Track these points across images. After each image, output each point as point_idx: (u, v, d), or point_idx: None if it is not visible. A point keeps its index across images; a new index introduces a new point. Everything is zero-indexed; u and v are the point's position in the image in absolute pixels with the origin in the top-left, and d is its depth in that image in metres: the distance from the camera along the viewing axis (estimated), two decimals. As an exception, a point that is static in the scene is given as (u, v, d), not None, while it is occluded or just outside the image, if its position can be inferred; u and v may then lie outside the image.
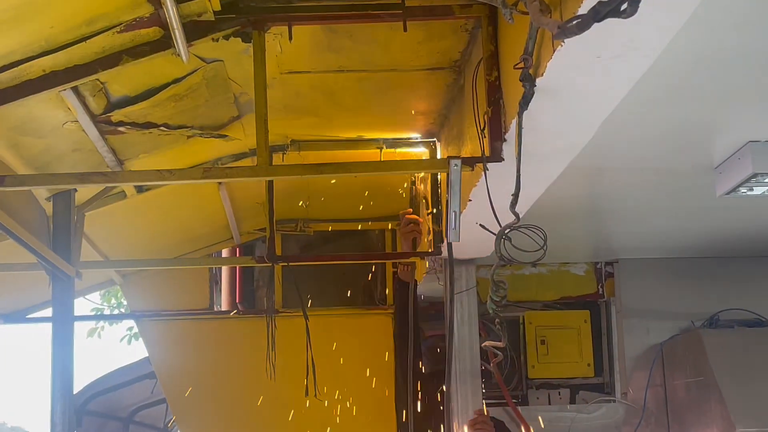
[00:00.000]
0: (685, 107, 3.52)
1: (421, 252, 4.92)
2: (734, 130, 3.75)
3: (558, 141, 3.19)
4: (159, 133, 4.07)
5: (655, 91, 3.29)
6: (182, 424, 6.34)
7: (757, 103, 3.50)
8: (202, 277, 6.37)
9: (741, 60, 3.11)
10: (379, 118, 4.40)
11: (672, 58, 2.97)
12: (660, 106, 3.50)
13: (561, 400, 6.06)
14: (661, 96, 3.38)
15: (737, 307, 5.78)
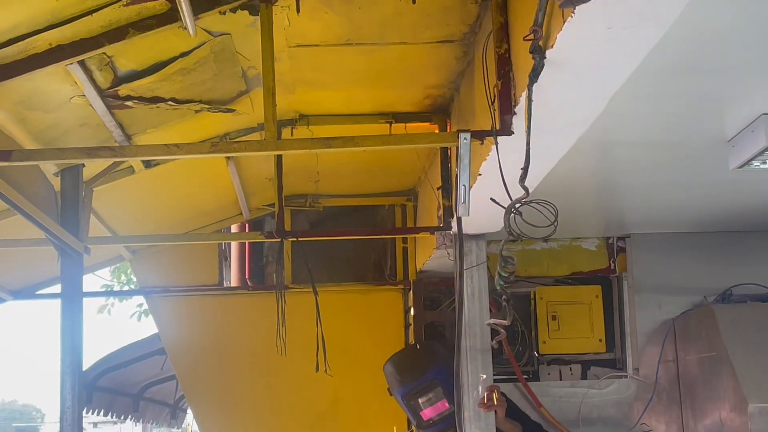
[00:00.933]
0: (697, 80, 3.50)
1: (431, 227, 4.92)
2: (747, 103, 3.73)
3: (569, 114, 3.17)
4: (167, 107, 4.07)
5: (666, 64, 3.26)
6: (192, 400, 6.38)
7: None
8: (212, 253, 6.39)
9: (754, 32, 3.09)
10: (388, 91, 4.39)
11: (684, 30, 2.94)
12: (672, 79, 3.47)
13: (572, 375, 6.05)
14: (673, 68, 3.36)
15: (750, 282, 5.76)
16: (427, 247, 5.49)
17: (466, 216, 3.45)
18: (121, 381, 7.84)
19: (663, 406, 5.80)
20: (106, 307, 13.71)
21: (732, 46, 3.19)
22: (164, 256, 6.33)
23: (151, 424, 9.48)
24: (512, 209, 2.95)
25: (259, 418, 6.14)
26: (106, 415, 8.06)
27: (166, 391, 8.55)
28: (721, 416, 5.15)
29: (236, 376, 6.20)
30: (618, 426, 5.81)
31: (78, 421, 4.23)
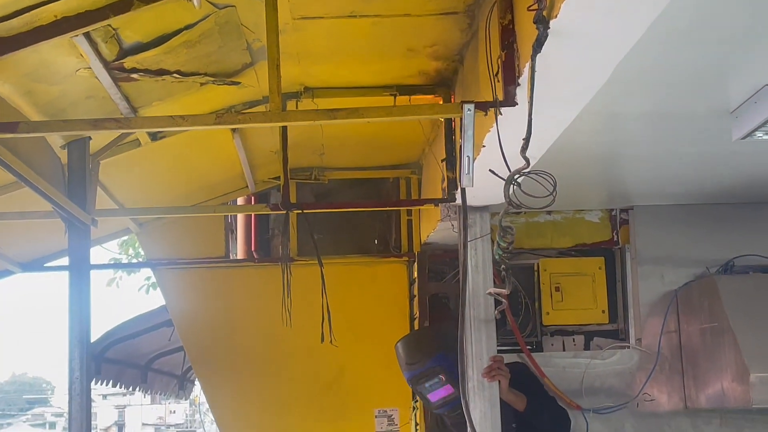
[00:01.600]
0: (701, 50, 3.47)
1: (435, 199, 4.91)
2: (751, 74, 3.71)
3: (572, 85, 3.16)
4: (172, 80, 4.06)
5: (670, 34, 3.24)
6: (199, 371, 6.40)
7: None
8: (218, 226, 6.39)
9: (758, 1, 3.07)
10: (392, 64, 4.37)
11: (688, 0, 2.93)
12: (676, 50, 3.45)
13: (575, 346, 6.06)
14: (677, 39, 3.34)
15: (752, 253, 5.75)
16: (431, 220, 5.49)
17: (470, 187, 3.45)
18: (129, 352, 7.86)
19: (665, 376, 5.81)
20: (114, 280, 13.75)
21: (736, 16, 3.17)
22: (171, 229, 6.33)
23: (160, 395, 9.51)
24: (512, 180, 2.94)
25: (265, 388, 6.16)
26: (114, 386, 8.09)
27: (173, 363, 8.57)
28: (723, 386, 5.16)
29: (243, 347, 6.22)
30: (620, 396, 5.83)
31: (86, 392, 4.25)
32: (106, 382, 7.87)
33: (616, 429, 5.82)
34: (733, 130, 4.11)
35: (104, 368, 7.47)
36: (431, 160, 5.47)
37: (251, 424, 6.19)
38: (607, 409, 5.79)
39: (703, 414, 5.77)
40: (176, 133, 4.78)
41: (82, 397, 4.23)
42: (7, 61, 3.33)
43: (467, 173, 3.31)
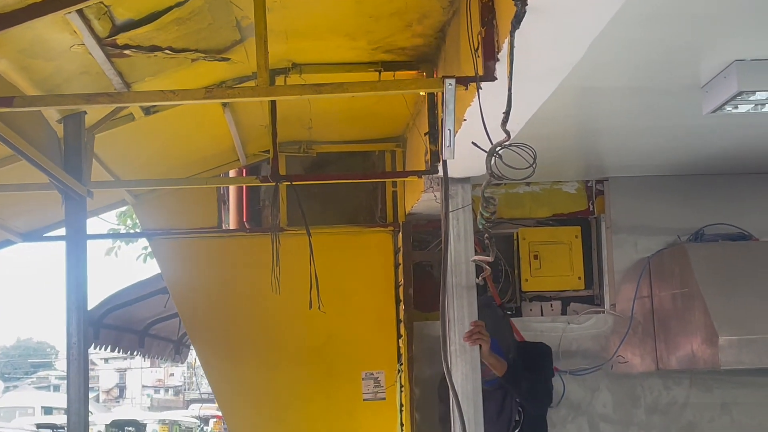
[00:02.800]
0: (673, 27, 3.45)
1: (419, 171, 4.89)
2: (721, 50, 3.68)
3: (549, 60, 3.13)
4: (164, 56, 4.00)
5: (643, 11, 3.21)
6: (194, 336, 6.39)
7: (743, 22, 3.42)
8: (211, 197, 6.35)
9: (729, -21, 3.04)
10: (377, 40, 4.32)
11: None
12: (648, 27, 3.42)
13: (553, 311, 6.07)
14: (650, 16, 3.31)
15: (721, 222, 5.76)
16: (415, 191, 5.46)
17: (452, 159, 3.42)
18: (126, 318, 7.85)
19: (638, 340, 5.82)
20: (113, 249, 13.70)
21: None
22: (165, 200, 6.29)
23: (157, 359, 9.51)
24: (493, 152, 2.91)
25: (256, 352, 6.15)
26: (113, 350, 8.09)
27: (169, 328, 8.57)
28: (693, 348, 5.17)
29: (235, 313, 6.20)
30: (596, 358, 5.85)
31: (84, 357, 4.22)
32: (105, 347, 7.86)
33: (592, 390, 5.85)
34: (703, 104, 4.09)
35: (103, 334, 7.46)
36: (415, 134, 5.44)
37: (243, 387, 6.18)
38: (583, 371, 5.82)
39: (674, 375, 5.80)
40: (169, 107, 4.73)
41: (79, 362, 4.20)
42: (3, 38, 3.27)
43: (448, 146, 3.28)
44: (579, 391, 5.83)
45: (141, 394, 54.94)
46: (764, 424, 5.82)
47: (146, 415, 32.25)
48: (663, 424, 5.83)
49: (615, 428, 5.85)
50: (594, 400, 5.84)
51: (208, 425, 31.79)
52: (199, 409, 28.44)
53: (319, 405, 6.10)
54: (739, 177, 5.92)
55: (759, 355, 4.88)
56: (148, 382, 55.87)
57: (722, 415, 5.83)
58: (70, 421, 4.21)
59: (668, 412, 5.84)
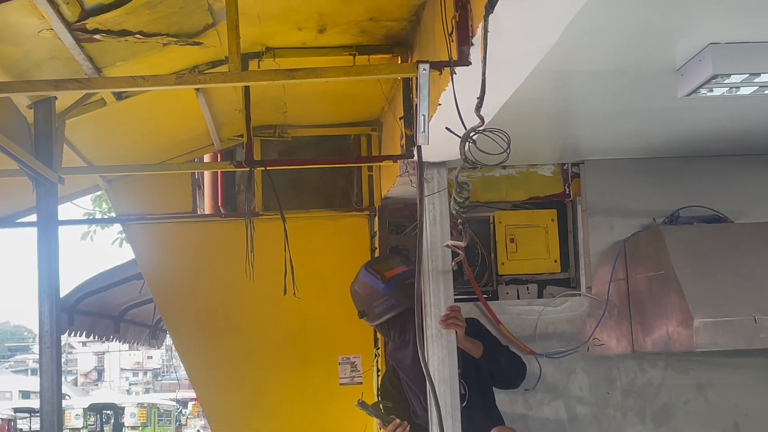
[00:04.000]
0: (648, 10, 3.42)
1: (394, 155, 4.86)
2: (695, 33, 3.66)
3: (524, 44, 3.10)
4: (135, 40, 3.94)
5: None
6: (169, 321, 6.34)
7: (718, 5, 3.40)
8: (185, 182, 6.30)
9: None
10: (351, 24, 4.27)
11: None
12: (623, 10, 3.40)
13: (529, 294, 6.06)
14: None
15: (697, 204, 5.76)
16: (391, 175, 5.43)
17: (426, 144, 3.39)
18: (101, 304, 7.79)
19: (614, 322, 5.83)
20: (88, 234, 13.61)
21: (682, -23, 3.12)
22: (139, 186, 6.22)
23: (133, 344, 9.47)
24: (467, 138, 2.89)
25: (232, 337, 6.12)
26: (88, 336, 8.03)
27: (145, 314, 8.51)
28: (668, 331, 5.18)
29: (210, 299, 6.16)
30: (572, 341, 5.85)
31: (57, 345, 4.17)
32: (80, 333, 7.81)
33: (568, 372, 5.85)
34: (678, 88, 4.08)
35: (77, 320, 7.40)
36: (391, 118, 5.40)
37: (219, 372, 6.15)
38: (559, 353, 5.82)
39: (650, 357, 5.82)
40: (141, 92, 4.67)
41: (52, 349, 4.16)
42: (-31, 23, 3.21)
43: (423, 131, 3.25)
44: (555, 374, 5.83)
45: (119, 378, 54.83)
46: (739, 406, 5.85)
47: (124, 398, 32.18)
48: (638, 406, 5.85)
49: (591, 410, 5.86)
50: (570, 382, 5.85)
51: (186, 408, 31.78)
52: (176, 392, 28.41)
53: (295, 390, 6.08)
54: (714, 159, 5.92)
55: (734, 337, 4.89)
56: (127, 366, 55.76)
57: (697, 397, 5.85)
58: (43, 409, 4.16)
59: (644, 394, 5.86)
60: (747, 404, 5.85)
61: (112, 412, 26.03)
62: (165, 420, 28.39)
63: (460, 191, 3.20)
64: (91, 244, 18.06)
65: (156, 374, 52.60)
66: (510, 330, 5.72)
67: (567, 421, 5.83)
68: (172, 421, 29.04)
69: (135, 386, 51.03)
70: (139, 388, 49.84)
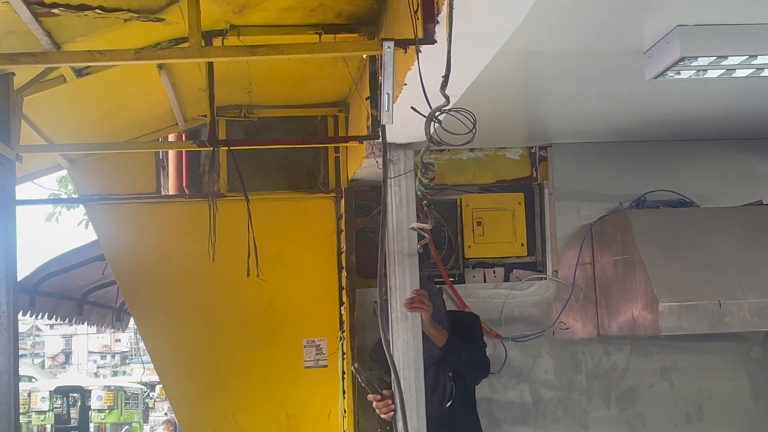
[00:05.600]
0: (616, -9, 3.39)
1: (360, 136, 4.80)
2: (663, 14, 3.63)
3: (490, 23, 3.05)
4: (95, 15, 3.83)
5: (586, -26, 3.15)
6: (132, 303, 6.25)
7: (686, -14, 3.38)
8: (149, 162, 6.20)
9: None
10: (318, 2, 4.20)
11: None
12: (592, -11, 3.36)
13: (496, 278, 6.05)
14: (593, -21, 3.25)
15: (663, 189, 5.76)
16: (357, 157, 5.37)
17: (390, 124, 3.33)
18: (63, 286, 7.68)
19: (580, 306, 5.83)
20: (53, 215, 13.43)
21: (650, -44, 3.08)
22: (102, 165, 6.12)
23: (96, 327, 9.36)
24: (433, 117, 2.83)
25: (196, 320, 6.04)
26: (50, 318, 7.91)
27: (108, 296, 8.41)
28: (634, 314, 5.18)
29: (174, 281, 6.07)
30: (538, 324, 5.85)
31: (14, 326, 4.08)
32: (41, 315, 7.70)
33: (534, 356, 5.85)
34: (645, 70, 4.06)
35: (39, 301, 7.29)
36: (358, 99, 5.34)
37: (183, 355, 6.07)
38: (525, 337, 5.81)
39: (615, 341, 5.82)
40: (102, 69, 4.57)
41: (9, 331, 4.05)
42: None
43: (387, 110, 3.19)
44: (521, 358, 5.83)
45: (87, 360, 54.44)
46: (703, 389, 5.88)
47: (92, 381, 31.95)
48: (603, 390, 5.86)
49: (556, 394, 5.86)
50: (536, 366, 5.85)
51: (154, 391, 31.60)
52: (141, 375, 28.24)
53: (259, 372, 6.02)
54: (680, 144, 5.93)
55: (698, 321, 4.90)
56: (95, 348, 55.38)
57: (662, 381, 5.87)
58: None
59: (609, 377, 5.87)
60: (711, 388, 5.88)
61: (78, 395, 25.85)
62: (132, 403, 28.22)
63: (425, 172, 3.16)
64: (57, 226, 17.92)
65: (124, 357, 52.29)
66: (477, 313, 5.69)
67: (532, 404, 5.84)
68: (139, 404, 28.87)
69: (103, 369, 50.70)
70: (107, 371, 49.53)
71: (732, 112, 5.30)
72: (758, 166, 6.01)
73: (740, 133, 5.82)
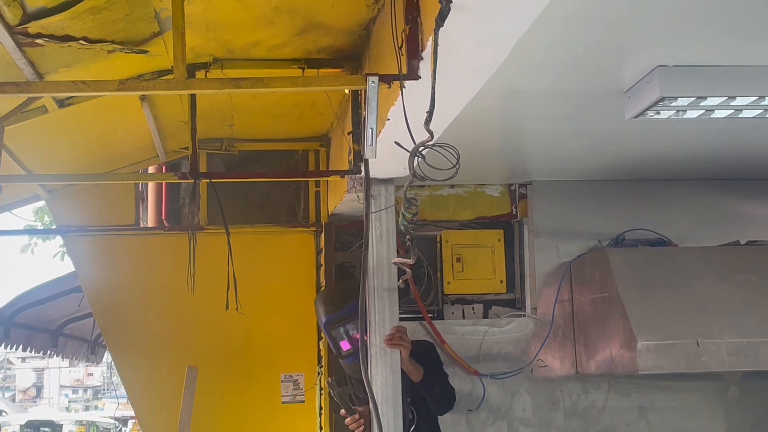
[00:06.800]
0: (596, 31, 3.43)
1: (342, 170, 4.81)
2: (644, 55, 3.68)
3: (473, 60, 3.08)
4: (78, 46, 3.84)
5: (567, 14, 3.19)
6: (108, 336, 6.20)
7: (666, 28, 3.42)
8: (128, 194, 6.18)
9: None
10: (301, 36, 4.23)
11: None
12: (572, 30, 3.40)
13: (475, 314, 6.04)
14: (574, 19, 3.28)
15: (641, 227, 5.80)
16: (338, 191, 5.38)
17: (373, 158, 3.35)
18: (39, 318, 7.60)
19: (558, 343, 5.83)
20: (29, 246, 13.34)
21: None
22: (81, 196, 6.09)
23: (71, 359, 9.25)
24: (416, 152, 2.85)
25: (173, 353, 5.99)
26: (25, 350, 7.82)
27: (84, 328, 8.33)
28: (612, 353, 5.18)
29: (152, 314, 6.04)
30: (516, 362, 5.84)
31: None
32: (16, 347, 7.61)
33: (512, 393, 5.83)
34: (626, 109, 4.09)
35: (14, 333, 7.21)
36: (339, 134, 5.36)
37: (159, 389, 6.02)
38: (503, 374, 5.80)
39: (593, 379, 5.82)
40: (84, 100, 4.57)
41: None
42: None
43: (370, 145, 3.21)
44: (499, 395, 5.81)
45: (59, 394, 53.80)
46: (680, 429, 5.88)
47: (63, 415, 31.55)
48: (581, 428, 5.84)
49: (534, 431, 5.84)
50: (514, 403, 5.83)
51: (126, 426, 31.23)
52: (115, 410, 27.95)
53: (236, 407, 5.98)
54: (658, 183, 5.97)
55: (676, 360, 4.91)
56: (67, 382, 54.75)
57: (639, 420, 5.87)
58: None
59: (587, 416, 5.86)
60: (688, 428, 5.88)
61: (50, 430, 25.49)
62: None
63: (408, 206, 3.17)
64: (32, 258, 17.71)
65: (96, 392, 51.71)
66: (455, 350, 5.69)
67: (510, 442, 5.81)
68: (111, 439, 28.56)
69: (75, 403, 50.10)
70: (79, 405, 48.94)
71: (710, 153, 5.35)
72: (735, 206, 6.06)
73: (718, 173, 5.88)
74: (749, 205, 6.09)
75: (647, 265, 5.40)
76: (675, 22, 3.35)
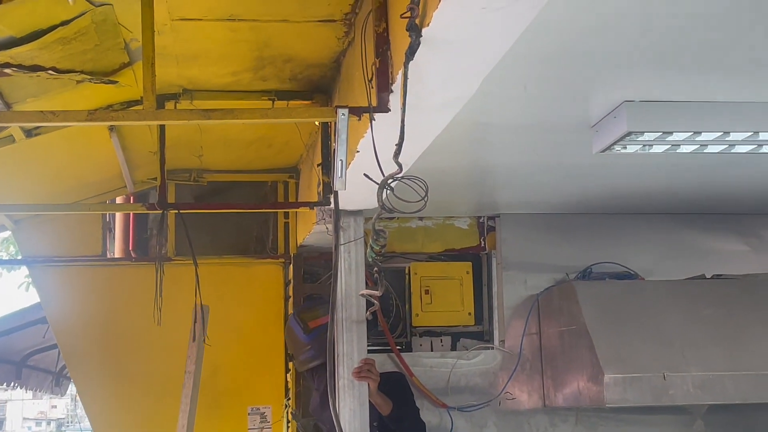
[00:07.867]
0: (564, 66, 3.46)
1: (311, 202, 4.81)
2: (611, 90, 3.72)
3: (443, 93, 3.09)
4: (47, 76, 3.83)
5: (535, 50, 3.21)
6: (73, 368, 6.13)
7: (633, 64, 3.46)
8: (95, 224, 6.13)
9: (618, 22, 3.06)
10: (271, 68, 4.24)
11: (552, 19, 2.90)
12: (540, 65, 3.43)
13: (443, 347, 6.04)
14: (541, 55, 3.31)
15: (609, 261, 5.83)
16: (307, 222, 5.38)
17: (343, 190, 3.34)
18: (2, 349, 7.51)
19: (526, 376, 5.83)
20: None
21: (597, 35, 3.16)
22: (48, 227, 6.04)
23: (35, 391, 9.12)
24: (385, 185, 2.85)
25: (139, 386, 5.93)
26: (-13, 382, 7.73)
27: (49, 360, 8.23)
28: (579, 386, 5.19)
29: (117, 345, 5.97)
30: (484, 394, 5.82)
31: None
32: (-22, 378, 7.50)
33: (480, 426, 5.81)
34: (593, 144, 4.13)
35: (-23, 364, 7.11)
36: (309, 165, 5.36)
37: (125, 422, 5.95)
38: (471, 407, 5.79)
39: (561, 412, 5.82)
40: (52, 130, 4.55)
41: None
42: None
43: (340, 177, 3.21)
44: (467, 427, 5.79)
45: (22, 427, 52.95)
46: (647, 462, 5.88)
47: (25, 449, 31.05)
48: (549, 461, 5.83)
49: (502, 465, 5.82)
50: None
51: (90, 460, 30.80)
52: (81, 443, 27.56)
53: (202, 440, 5.91)
54: (626, 217, 6.02)
55: (643, 393, 4.93)
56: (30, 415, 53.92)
57: (606, 453, 5.87)
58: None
59: (554, 449, 5.85)
60: (654, 461, 5.89)
61: (11, 463, 25.07)
62: (67, 472, 27.50)
63: (376, 238, 3.16)
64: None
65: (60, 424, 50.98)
66: (423, 382, 5.67)
67: (478, 475, 5.78)
68: (74, 473, 28.13)
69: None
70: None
71: (677, 188, 5.41)
72: (701, 240, 6.12)
73: (684, 208, 5.94)
74: (715, 239, 6.15)
75: (614, 298, 5.42)
76: (642, 58, 3.39)
